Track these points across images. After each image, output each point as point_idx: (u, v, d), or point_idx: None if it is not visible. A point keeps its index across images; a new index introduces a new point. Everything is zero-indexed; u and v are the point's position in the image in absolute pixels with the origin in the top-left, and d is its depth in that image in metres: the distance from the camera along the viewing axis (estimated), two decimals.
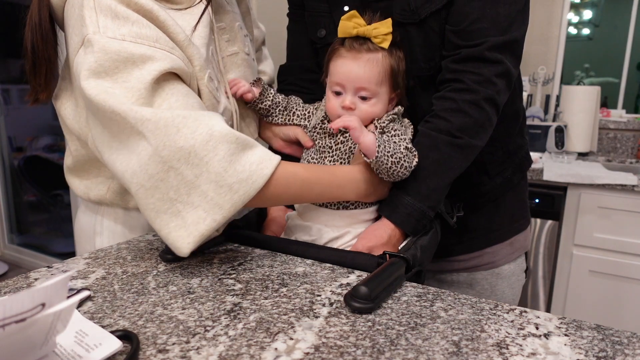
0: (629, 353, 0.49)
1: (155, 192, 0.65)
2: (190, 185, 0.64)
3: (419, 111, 0.89)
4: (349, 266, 0.72)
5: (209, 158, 0.64)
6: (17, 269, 3.14)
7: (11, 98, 3.38)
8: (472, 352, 0.49)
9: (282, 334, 0.52)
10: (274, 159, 0.69)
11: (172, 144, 0.63)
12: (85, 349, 0.47)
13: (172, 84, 0.69)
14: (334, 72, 0.81)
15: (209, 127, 0.65)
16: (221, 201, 0.65)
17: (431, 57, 0.85)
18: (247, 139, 0.68)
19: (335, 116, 0.81)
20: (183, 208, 0.65)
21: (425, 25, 0.82)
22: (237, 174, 0.65)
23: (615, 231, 1.77)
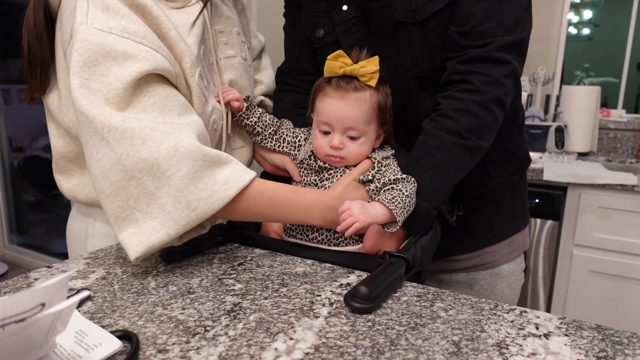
0: (629, 353, 0.49)
1: (115, 198, 0.65)
2: (150, 196, 0.65)
3: (419, 112, 0.89)
4: (349, 266, 0.72)
5: (171, 173, 0.64)
6: (17, 269, 3.14)
7: (11, 98, 3.38)
8: (472, 352, 0.49)
9: (282, 334, 0.52)
10: (243, 179, 0.69)
11: (136, 154, 0.63)
12: (85, 349, 0.47)
13: (152, 85, 0.68)
14: (321, 112, 0.80)
15: (176, 142, 0.65)
16: (177, 217, 0.65)
17: (432, 58, 0.85)
18: (218, 156, 0.68)
19: (323, 154, 0.81)
20: (141, 217, 0.65)
21: (427, 26, 0.82)
22: (197, 191, 0.65)
23: (615, 231, 1.77)
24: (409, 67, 0.86)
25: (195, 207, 0.66)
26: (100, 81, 0.65)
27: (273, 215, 0.75)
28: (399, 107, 0.89)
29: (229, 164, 0.69)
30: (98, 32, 0.65)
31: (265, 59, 1.12)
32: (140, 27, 0.69)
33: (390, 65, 0.87)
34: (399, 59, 0.87)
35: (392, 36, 0.86)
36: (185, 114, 0.71)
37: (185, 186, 0.65)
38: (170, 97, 0.70)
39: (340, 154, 0.80)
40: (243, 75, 0.91)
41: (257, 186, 0.71)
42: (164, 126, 0.66)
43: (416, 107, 0.89)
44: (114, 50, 0.65)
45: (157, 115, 0.67)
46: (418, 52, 0.84)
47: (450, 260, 1.01)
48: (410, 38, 0.84)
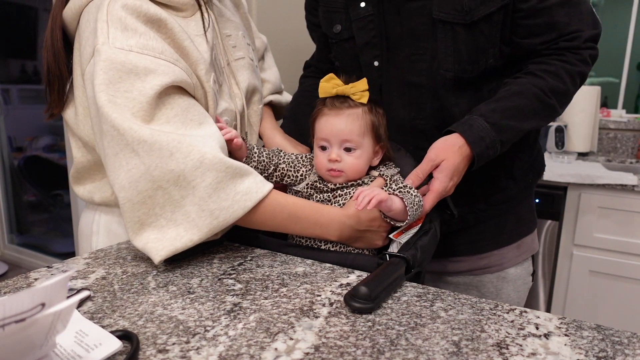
0: (629, 353, 0.49)
1: (142, 206, 0.69)
2: (175, 205, 0.70)
3: (455, 113, 0.88)
4: (349, 266, 0.72)
5: (196, 183, 0.69)
6: (17, 269, 3.14)
7: (11, 98, 3.38)
8: (472, 352, 0.49)
9: (282, 334, 0.52)
10: (262, 191, 0.73)
11: (164, 166, 0.68)
12: (85, 349, 0.47)
13: (173, 98, 0.72)
14: (319, 130, 0.84)
15: (201, 154, 0.69)
16: (201, 224, 0.70)
17: (476, 60, 0.85)
18: (239, 168, 0.72)
19: (324, 171, 0.83)
20: (166, 224, 0.70)
21: (475, 28, 0.83)
22: (220, 201, 0.70)
23: (615, 231, 1.77)
24: (451, 68, 0.86)
25: (217, 215, 0.70)
26: (125, 97, 0.68)
27: (291, 228, 0.79)
28: (432, 110, 0.89)
29: (249, 175, 0.73)
30: (119, 51, 0.69)
31: (268, 58, 1.14)
32: (158, 43, 0.72)
33: (424, 67, 0.87)
34: (435, 60, 0.86)
35: (427, 37, 0.86)
36: (205, 123, 0.74)
37: (209, 196, 0.69)
38: (190, 108, 0.74)
39: (339, 166, 0.82)
40: (252, 75, 0.94)
41: (277, 199, 0.76)
42: (189, 139, 0.69)
43: (452, 108, 0.89)
44: (136, 67, 0.69)
45: (179, 125, 0.71)
46: (463, 53, 0.85)
47: (457, 261, 1.01)
48: (457, 38, 0.84)
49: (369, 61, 0.94)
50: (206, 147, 0.70)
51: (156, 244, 0.69)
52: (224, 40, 0.90)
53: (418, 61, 0.88)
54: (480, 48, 0.85)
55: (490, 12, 0.82)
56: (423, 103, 0.90)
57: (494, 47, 0.85)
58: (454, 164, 0.79)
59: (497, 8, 0.81)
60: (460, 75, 0.86)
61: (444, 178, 0.79)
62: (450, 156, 0.79)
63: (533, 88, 0.82)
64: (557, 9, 0.81)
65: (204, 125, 0.74)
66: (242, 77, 0.90)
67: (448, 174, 0.79)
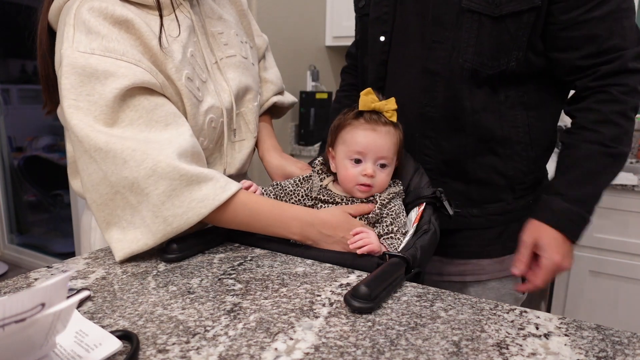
0: (629, 353, 0.49)
1: (105, 207, 0.73)
2: (133, 209, 0.72)
3: (466, 106, 0.88)
4: (349, 266, 0.72)
5: (149, 191, 0.71)
6: (17, 269, 3.14)
7: (11, 98, 3.38)
8: (472, 352, 0.49)
9: (282, 334, 0.52)
10: (219, 198, 0.73)
11: (119, 173, 0.70)
12: (85, 349, 0.47)
13: (137, 99, 0.73)
14: (354, 142, 0.83)
15: (155, 162, 0.70)
16: (155, 229, 0.72)
17: (497, 56, 0.85)
18: (197, 175, 0.72)
19: (353, 184, 0.84)
20: (127, 225, 0.73)
21: (502, 23, 0.82)
22: (174, 208, 0.71)
23: (615, 231, 1.77)
24: (470, 59, 0.85)
25: (171, 222, 0.72)
26: (87, 100, 0.70)
27: (254, 226, 0.79)
28: (443, 100, 0.89)
29: (208, 181, 0.74)
30: (81, 54, 0.70)
31: (269, 58, 1.14)
32: (120, 45, 0.72)
33: (443, 56, 0.87)
34: (455, 49, 0.86)
35: (451, 26, 0.85)
36: (172, 124, 0.75)
37: (162, 203, 0.71)
38: (156, 109, 0.74)
39: (372, 182, 0.83)
40: (245, 72, 0.93)
41: (241, 199, 0.77)
42: (145, 146, 0.71)
43: (464, 101, 0.88)
44: (96, 71, 0.70)
45: (143, 128, 0.72)
46: (486, 47, 0.84)
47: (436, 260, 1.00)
48: (482, 30, 0.84)
49: (376, 35, 0.95)
50: (162, 154, 0.71)
51: (117, 244, 0.72)
52: (214, 38, 0.90)
53: (438, 49, 0.87)
54: (503, 45, 0.84)
55: (520, 10, 0.81)
56: (436, 91, 0.89)
57: (518, 50, 0.84)
58: (550, 234, 0.82)
59: (528, 8, 0.81)
60: (478, 69, 0.86)
61: (552, 254, 0.82)
62: (544, 235, 0.82)
63: (594, 146, 0.82)
64: (598, 22, 0.80)
65: (171, 126, 0.75)
66: (232, 74, 0.90)
67: (551, 249, 0.82)
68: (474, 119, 0.89)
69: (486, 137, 0.89)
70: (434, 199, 0.85)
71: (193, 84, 0.81)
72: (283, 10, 2.28)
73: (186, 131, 0.76)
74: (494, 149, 0.90)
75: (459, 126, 0.89)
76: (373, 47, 0.96)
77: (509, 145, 0.90)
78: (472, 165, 0.92)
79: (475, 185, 0.93)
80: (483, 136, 0.89)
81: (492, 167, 0.92)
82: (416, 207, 0.86)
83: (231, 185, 0.76)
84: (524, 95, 0.89)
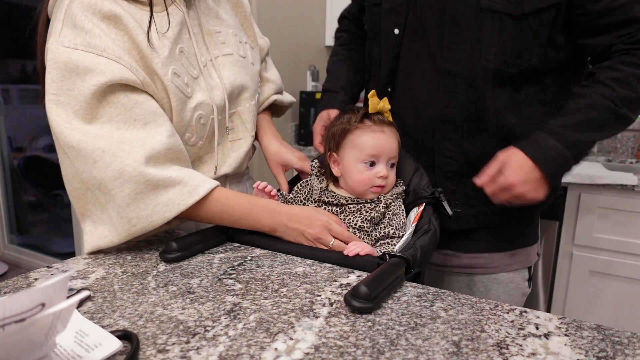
0: (629, 353, 0.49)
1: (79, 200, 0.76)
2: (102, 206, 0.75)
3: (489, 106, 0.87)
4: (349, 266, 0.72)
5: (115, 192, 0.73)
6: (17, 269, 3.14)
7: (11, 98, 3.38)
8: (472, 352, 0.49)
9: (282, 334, 0.52)
10: (185, 203, 0.74)
11: (89, 172, 0.73)
12: (85, 349, 0.47)
13: (117, 96, 0.74)
14: (368, 146, 0.84)
15: (122, 165, 0.72)
16: (120, 229, 0.75)
17: (520, 55, 0.84)
18: (162, 180, 0.74)
19: (368, 187, 0.84)
20: (97, 220, 0.76)
21: (524, 21, 0.82)
22: (138, 210, 0.74)
23: (615, 231, 1.77)
24: (493, 59, 0.84)
25: (135, 223, 0.74)
26: (67, 95, 0.72)
27: (226, 220, 0.81)
28: (465, 101, 0.88)
29: (175, 186, 0.75)
30: (65, 49, 0.72)
31: (269, 61, 1.16)
32: (101, 41, 0.73)
33: (463, 57, 0.86)
34: (476, 50, 0.85)
35: (470, 27, 0.85)
36: (151, 123, 0.76)
37: (127, 205, 0.73)
38: (135, 107, 0.75)
39: (385, 182, 0.84)
40: (242, 71, 0.94)
41: (214, 196, 0.79)
42: (116, 147, 0.72)
43: (487, 101, 0.88)
44: (76, 66, 0.71)
45: (121, 125, 0.74)
46: (508, 45, 0.84)
47: (445, 254, 1.00)
48: (503, 29, 0.83)
49: (390, 27, 0.94)
50: (129, 158, 0.72)
51: (88, 237, 0.76)
52: (210, 36, 0.90)
53: (457, 50, 0.86)
54: (526, 43, 0.83)
55: (542, 7, 0.80)
56: (458, 92, 0.89)
57: (539, 47, 0.84)
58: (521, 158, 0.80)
59: (550, 5, 0.80)
60: (502, 68, 0.85)
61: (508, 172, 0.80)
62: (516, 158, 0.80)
63: (603, 100, 0.80)
64: (633, 5, 0.79)
65: (149, 125, 0.75)
66: (227, 72, 0.90)
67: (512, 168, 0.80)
68: (497, 119, 0.88)
69: (508, 137, 0.89)
70: (433, 199, 0.85)
71: (180, 79, 0.81)
72: (283, 11, 2.28)
73: (164, 131, 0.76)
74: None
75: (481, 127, 0.89)
76: (386, 40, 0.96)
77: None
78: None
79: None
80: (505, 136, 0.89)
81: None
82: (416, 207, 0.87)
83: (199, 189, 0.76)
84: (541, 92, 0.89)
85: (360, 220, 0.83)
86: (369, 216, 0.83)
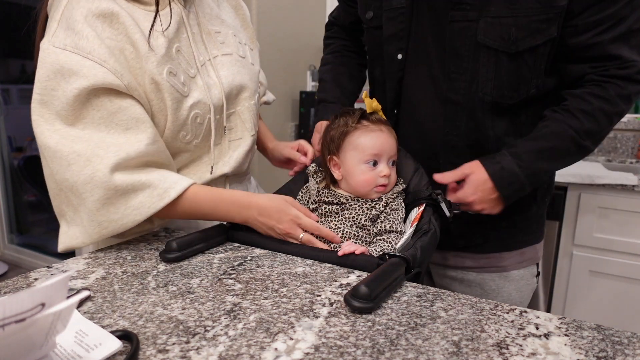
0: (629, 353, 0.49)
1: (54, 200, 0.79)
2: (74, 208, 0.76)
3: (490, 134, 0.89)
4: (349, 266, 0.72)
5: (86, 196, 0.74)
6: (17, 269, 3.14)
7: (11, 98, 3.38)
8: (472, 352, 0.49)
9: (282, 334, 0.52)
10: (155, 206, 0.76)
11: (62, 174, 0.74)
12: (85, 349, 0.47)
13: (101, 100, 0.74)
14: (369, 146, 0.84)
15: (94, 171, 0.73)
16: (91, 231, 0.76)
17: (517, 88, 0.86)
18: (132, 185, 0.75)
19: (372, 187, 0.85)
20: (70, 220, 0.78)
21: (520, 58, 0.83)
22: (109, 214, 0.75)
23: (615, 231, 1.77)
24: (489, 92, 0.86)
25: (106, 226, 0.76)
26: (51, 95, 0.72)
27: (196, 216, 0.84)
28: (466, 129, 0.90)
29: (145, 189, 0.76)
30: (54, 49, 0.72)
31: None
32: (89, 42, 0.73)
33: (463, 87, 0.88)
34: (474, 82, 0.86)
35: (469, 58, 0.86)
36: (133, 129, 0.77)
37: (97, 209, 0.74)
38: (118, 113, 0.76)
39: (388, 181, 0.85)
40: (241, 71, 0.94)
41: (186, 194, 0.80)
42: (92, 151, 0.73)
43: (487, 130, 0.89)
44: (62, 67, 0.72)
45: (103, 128, 0.75)
46: (504, 80, 0.85)
47: (460, 256, 1.01)
48: (500, 65, 0.84)
49: (393, 53, 0.95)
50: (102, 164, 0.73)
51: (62, 236, 0.78)
52: (210, 36, 0.91)
53: (457, 80, 0.88)
54: (522, 78, 0.85)
55: (536, 45, 0.81)
56: (458, 120, 0.90)
57: (537, 79, 0.85)
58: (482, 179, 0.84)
59: (544, 42, 0.81)
60: (499, 101, 0.87)
61: (468, 189, 0.85)
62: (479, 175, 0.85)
63: (569, 130, 0.83)
64: (608, 45, 0.80)
65: (130, 131, 0.76)
66: (226, 72, 0.91)
67: (472, 187, 0.85)
68: (498, 145, 0.90)
69: None
70: (431, 200, 0.85)
71: (177, 78, 0.81)
72: (283, 11, 2.28)
73: (144, 138, 0.77)
74: None
75: (483, 153, 0.89)
76: (390, 65, 0.96)
77: None
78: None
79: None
80: None
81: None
82: (416, 207, 0.87)
83: (171, 192, 0.77)
84: (542, 109, 0.90)
85: (363, 219, 0.83)
86: (370, 214, 0.83)
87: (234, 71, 0.92)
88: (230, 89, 0.91)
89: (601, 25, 0.79)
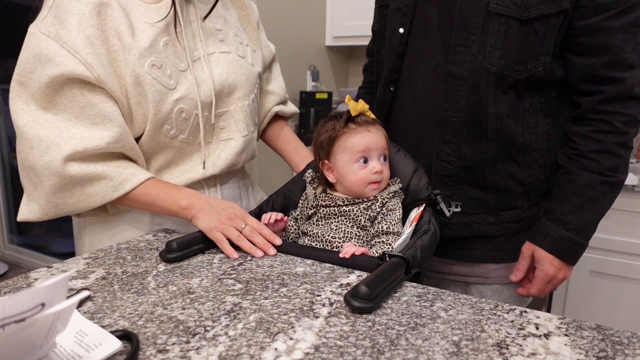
0: (629, 353, 0.49)
1: (20, 172, 0.83)
2: (35, 186, 0.81)
3: (490, 111, 0.88)
4: (349, 266, 0.72)
5: (43, 180, 0.78)
6: (17, 269, 3.14)
7: None
8: (472, 352, 0.49)
9: (282, 334, 0.52)
10: (108, 197, 0.81)
11: (25, 154, 0.79)
12: (85, 349, 0.47)
13: (73, 91, 0.77)
14: (356, 144, 0.85)
15: (51, 159, 0.77)
16: (48, 210, 0.81)
17: (525, 61, 0.84)
18: (88, 176, 0.79)
19: (365, 184, 0.85)
20: (30, 196, 0.83)
21: (530, 26, 0.82)
22: (65, 198, 0.80)
23: (616, 231, 1.76)
24: (496, 63, 0.85)
25: (62, 207, 0.81)
26: (29, 77, 0.77)
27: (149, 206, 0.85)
28: (466, 104, 0.88)
29: (101, 180, 0.80)
30: (39, 34, 0.75)
31: (275, 69, 1.16)
32: (68, 32, 0.75)
33: (468, 60, 0.86)
34: (481, 53, 0.85)
35: (477, 30, 0.85)
36: (99, 125, 0.79)
37: (53, 193, 0.79)
38: (87, 107, 0.78)
39: (381, 177, 0.85)
40: (238, 70, 0.94)
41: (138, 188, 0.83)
42: (52, 140, 0.77)
43: (488, 106, 0.88)
44: (40, 53, 0.75)
45: (72, 117, 0.78)
46: (513, 49, 0.84)
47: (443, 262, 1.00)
48: (509, 32, 0.83)
49: (394, 27, 0.95)
50: (59, 154, 0.76)
51: (22, 207, 0.84)
52: (209, 32, 0.91)
53: (462, 53, 0.87)
54: (531, 49, 0.83)
55: (549, 13, 0.81)
56: (459, 95, 0.88)
57: (546, 55, 0.84)
58: (546, 258, 0.88)
59: (556, 12, 0.80)
60: (505, 73, 0.85)
61: (544, 265, 0.88)
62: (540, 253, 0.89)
63: (594, 176, 0.85)
64: (615, 32, 0.80)
65: (97, 127, 0.79)
66: (220, 69, 0.90)
67: (547, 261, 0.88)
68: (497, 125, 0.88)
69: (508, 144, 0.89)
70: (430, 201, 0.85)
71: (161, 71, 0.82)
72: (283, 11, 2.28)
73: (107, 136, 0.79)
74: (514, 156, 0.90)
75: (481, 132, 0.89)
76: (391, 39, 0.96)
77: (528, 152, 0.90)
78: (491, 172, 0.91)
79: (492, 192, 0.93)
80: (505, 143, 0.89)
81: (511, 174, 0.92)
82: (416, 208, 0.87)
83: (126, 184, 0.81)
84: (545, 102, 0.89)
85: (363, 219, 0.83)
86: (368, 215, 0.83)
87: (229, 69, 0.92)
88: (222, 86, 0.90)
89: (609, 10, 0.79)
